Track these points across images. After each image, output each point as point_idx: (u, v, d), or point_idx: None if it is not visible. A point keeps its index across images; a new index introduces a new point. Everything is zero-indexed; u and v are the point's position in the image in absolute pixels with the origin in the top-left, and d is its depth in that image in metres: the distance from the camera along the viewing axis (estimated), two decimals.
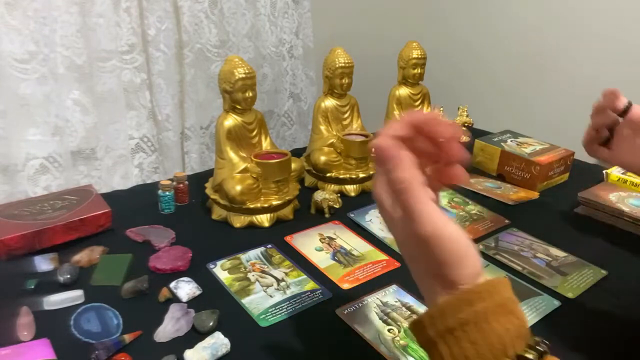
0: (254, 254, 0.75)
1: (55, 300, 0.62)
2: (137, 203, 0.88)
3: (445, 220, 0.37)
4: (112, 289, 0.65)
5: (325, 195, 0.86)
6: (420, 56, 1.06)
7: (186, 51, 1.21)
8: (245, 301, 0.64)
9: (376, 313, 0.63)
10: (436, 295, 0.37)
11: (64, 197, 0.81)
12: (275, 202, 0.83)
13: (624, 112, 0.68)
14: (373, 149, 0.39)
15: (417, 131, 0.40)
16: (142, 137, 1.24)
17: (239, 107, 0.83)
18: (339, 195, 0.88)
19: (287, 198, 0.84)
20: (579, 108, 1.51)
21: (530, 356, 0.34)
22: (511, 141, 1.09)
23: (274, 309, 0.63)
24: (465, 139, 1.28)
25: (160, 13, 1.14)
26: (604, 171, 1.03)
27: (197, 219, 0.85)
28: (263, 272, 0.71)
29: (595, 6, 1.42)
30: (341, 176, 0.94)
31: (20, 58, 0.99)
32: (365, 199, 0.93)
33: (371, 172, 0.96)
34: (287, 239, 0.79)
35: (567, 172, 1.05)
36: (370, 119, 1.09)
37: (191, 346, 0.55)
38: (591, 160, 1.14)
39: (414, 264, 0.40)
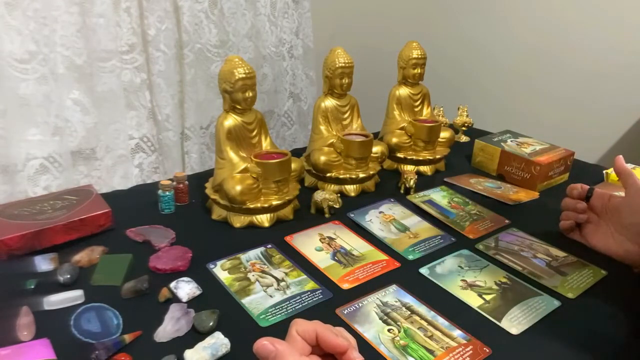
0: (254, 254, 0.75)
1: (55, 300, 0.62)
2: (137, 203, 0.88)
3: None
4: (112, 289, 0.65)
5: (325, 195, 0.86)
6: (420, 56, 1.06)
7: (186, 51, 1.21)
8: (245, 301, 0.64)
9: (376, 313, 0.63)
10: None
11: (64, 197, 0.81)
12: (275, 202, 0.83)
13: (589, 197, 0.78)
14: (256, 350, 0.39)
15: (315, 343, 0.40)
16: (142, 137, 1.24)
17: (239, 107, 0.83)
18: (339, 195, 0.88)
19: (287, 198, 0.84)
20: (579, 108, 1.51)
21: None
22: (511, 141, 1.09)
23: (274, 309, 0.63)
24: (464, 139, 1.28)
25: (160, 13, 1.15)
26: (604, 171, 1.04)
27: (197, 219, 0.85)
28: (263, 272, 0.71)
29: (595, 6, 1.42)
30: (341, 176, 0.94)
31: (20, 58, 0.99)
32: (365, 199, 0.93)
33: (371, 172, 0.96)
34: (287, 239, 0.79)
35: (567, 172, 1.05)
36: (370, 119, 1.09)
37: (191, 346, 0.55)
38: (591, 160, 1.14)
39: None
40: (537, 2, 1.54)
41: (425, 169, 1.05)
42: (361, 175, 0.94)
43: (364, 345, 0.58)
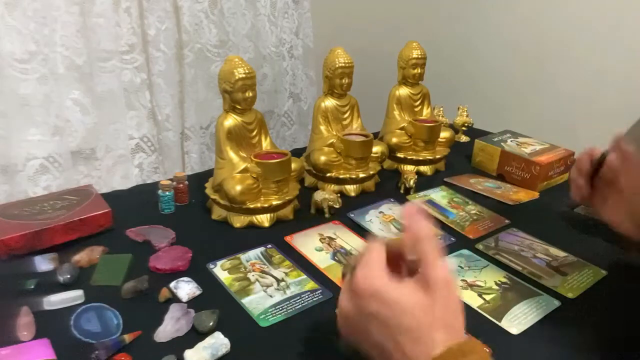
0: (254, 254, 0.75)
1: (55, 300, 0.62)
2: (137, 203, 0.88)
3: None
4: (112, 289, 0.65)
5: (325, 195, 0.86)
6: (420, 56, 1.06)
7: (186, 51, 1.21)
8: (245, 301, 0.64)
9: None
10: (435, 346, 0.40)
11: (64, 197, 0.81)
12: (275, 202, 0.83)
13: (601, 163, 0.69)
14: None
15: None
16: (142, 137, 1.24)
17: (239, 107, 0.83)
18: (339, 195, 0.88)
19: (287, 198, 0.84)
20: (579, 108, 1.51)
21: None
22: (511, 141, 1.09)
23: (274, 309, 0.63)
24: (464, 139, 1.28)
25: (160, 13, 1.14)
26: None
27: (197, 219, 0.85)
28: (263, 272, 0.71)
29: (595, 6, 1.42)
30: (341, 176, 0.94)
31: (20, 58, 0.99)
32: (365, 199, 0.93)
33: (371, 172, 0.96)
34: (287, 239, 0.79)
35: (567, 172, 1.05)
36: (370, 119, 1.09)
37: (191, 346, 0.55)
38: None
39: (414, 320, 0.41)
40: (537, 2, 1.54)
41: (425, 169, 1.05)
42: (361, 175, 0.94)
43: None
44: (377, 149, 0.98)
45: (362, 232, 0.83)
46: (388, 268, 0.45)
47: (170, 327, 0.58)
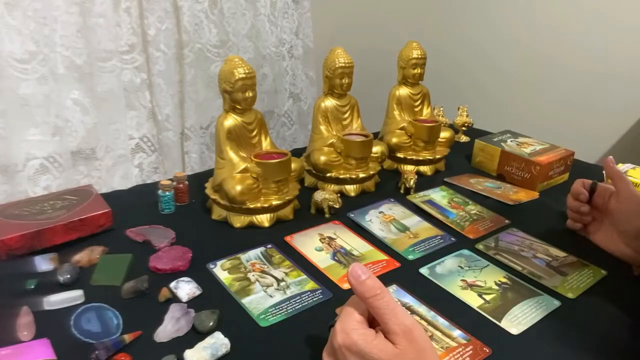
0: (254, 254, 0.75)
1: (55, 300, 0.62)
2: (137, 203, 0.88)
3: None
4: (112, 289, 0.65)
5: (325, 195, 0.86)
6: (420, 56, 1.06)
7: (186, 51, 1.21)
8: (245, 301, 0.64)
9: None
10: None
11: (64, 197, 0.81)
12: (275, 202, 0.83)
13: (592, 192, 0.78)
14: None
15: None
16: (142, 137, 1.24)
17: (239, 107, 0.83)
18: (339, 195, 0.88)
19: (287, 198, 0.84)
20: (579, 108, 1.51)
21: None
22: (511, 141, 1.09)
23: (274, 309, 0.63)
24: (464, 139, 1.28)
25: (160, 13, 1.15)
26: (604, 171, 1.03)
27: (197, 219, 0.85)
28: (263, 272, 0.71)
29: (596, 7, 1.42)
30: (341, 176, 0.94)
31: (20, 58, 1.00)
32: (365, 199, 0.93)
33: (371, 172, 0.96)
34: (287, 239, 0.79)
35: (567, 172, 1.05)
36: (370, 119, 1.09)
37: (191, 346, 0.55)
38: (591, 160, 1.14)
39: None
40: (537, 2, 1.54)
41: (425, 169, 1.05)
42: (361, 175, 0.94)
43: None
44: (377, 149, 0.98)
45: (362, 232, 0.83)
46: (369, 320, 0.48)
47: (170, 327, 0.58)
